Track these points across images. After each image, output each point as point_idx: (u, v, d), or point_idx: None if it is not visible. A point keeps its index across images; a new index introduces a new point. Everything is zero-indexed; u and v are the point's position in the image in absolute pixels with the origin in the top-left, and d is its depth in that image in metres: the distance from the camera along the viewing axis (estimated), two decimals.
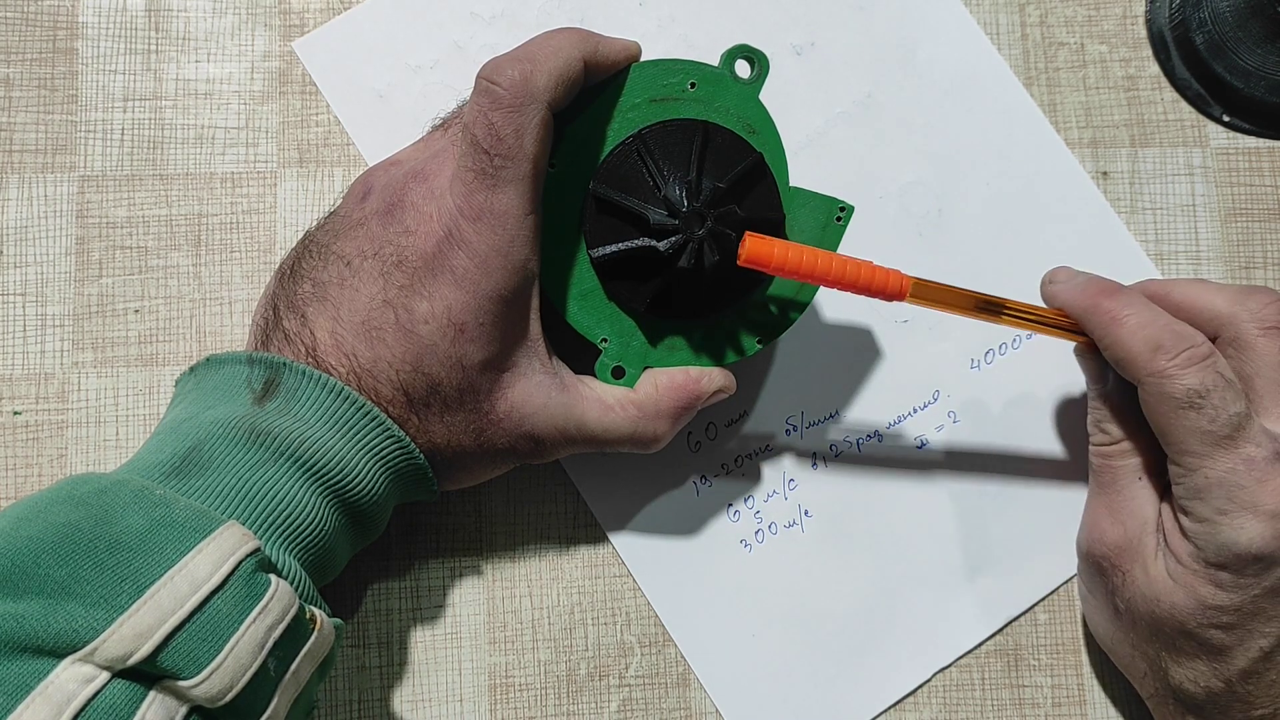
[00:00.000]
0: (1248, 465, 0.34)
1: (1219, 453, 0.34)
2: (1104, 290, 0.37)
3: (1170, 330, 0.35)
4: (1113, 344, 0.36)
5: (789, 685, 0.41)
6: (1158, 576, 0.36)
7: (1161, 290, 0.38)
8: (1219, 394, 0.34)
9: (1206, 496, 0.34)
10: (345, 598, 0.41)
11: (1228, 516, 0.34)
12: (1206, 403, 0.34)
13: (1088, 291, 0.37)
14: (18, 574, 0.26)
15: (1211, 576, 0.35)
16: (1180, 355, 0.35)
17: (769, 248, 0.34)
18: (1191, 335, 0.35)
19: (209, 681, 0.27)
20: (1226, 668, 0.35)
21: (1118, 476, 0.38)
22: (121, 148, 0.43)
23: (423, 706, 0.40)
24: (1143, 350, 0.35)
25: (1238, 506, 0.34)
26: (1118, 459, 0.39)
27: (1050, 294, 0.39)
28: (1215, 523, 0.34)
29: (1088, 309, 0.37)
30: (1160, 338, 0.35)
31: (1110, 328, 0.36)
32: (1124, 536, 0.38)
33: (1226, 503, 0.34)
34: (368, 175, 0.37)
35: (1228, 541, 0.34)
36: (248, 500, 0.31)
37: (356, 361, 0.34)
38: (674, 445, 0.42)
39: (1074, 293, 0.38)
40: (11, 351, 0.42)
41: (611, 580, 0.42)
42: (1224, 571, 0.34)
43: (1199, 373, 0.35)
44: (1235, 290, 0.38)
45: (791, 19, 0.45)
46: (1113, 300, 0.37)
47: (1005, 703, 0.42)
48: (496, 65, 0.33)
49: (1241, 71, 0.44)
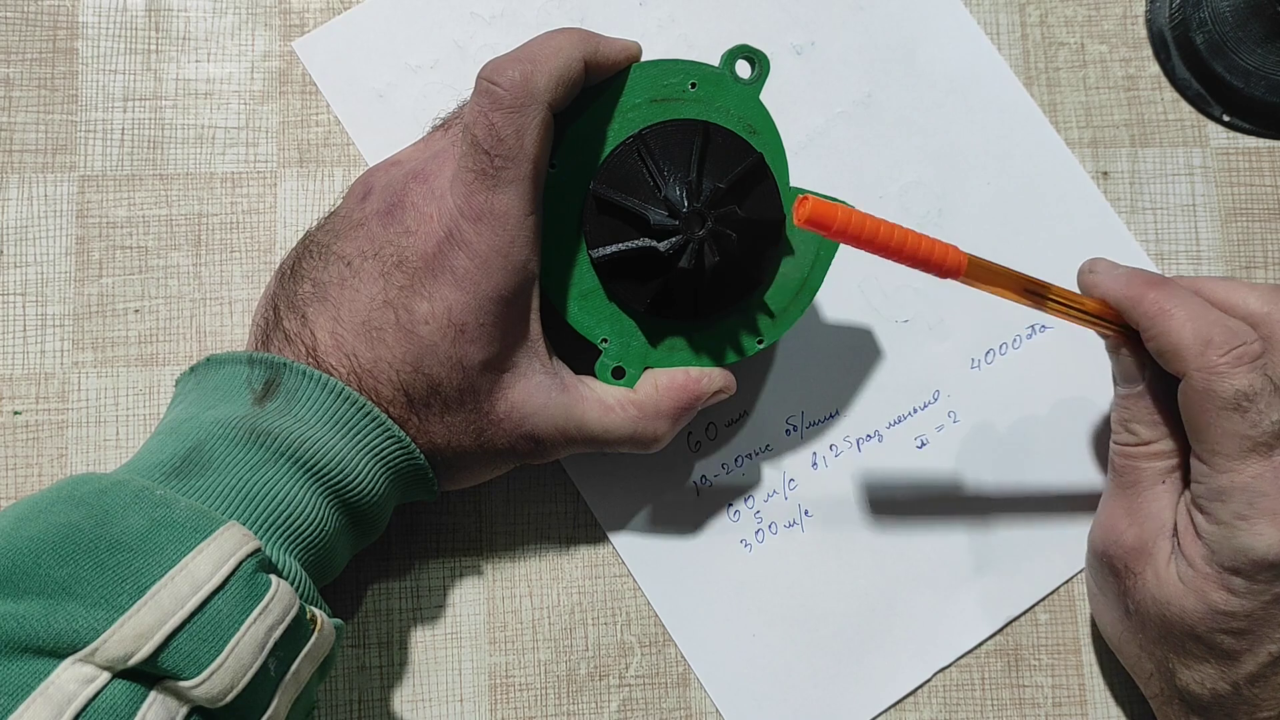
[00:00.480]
0: (1275, 473, 0.33)
1: (1252, 459, 0.33)
2: (1150, 281, 0.36)
3: (1222, 325, 0.34)
4: (1160, 335, 0.35)
5: (789, 685, 0.41)
6: (1169, 580, 0.35)
7: (1191, 287, 0.37)
8: (1266, 399, 0.33)
9: (1228, 499, 0.34)
10: (345, 598, 0.41)
11: (1247, 522, 0.33)
12: (1252, 407, 0.33)
13: (1134, 282, 0.36)
14: (18, 574, 0.26)
15: (1224, 581, 0.34)
16: (1231, 352, 0.34)
17: (831, 210, 0.31)
18: (1244, 332, 0.34)
19: (209, 682, 0.27)
20: (1235, 672, 0.35)
21: (1140, 478, 0.37)
22: (121, 148, 0.43)
23: (423, 706, 0.40)
24: (1193, 343, 0.34)
25: (1259, 513, 0.33)
26: (1143, 460, 0.37)
27: (1090, 283, 0.37)
28: (1233, 526, 0.34)
29: (1134, 299, 0.36)
30: (1210, 332, 0.34)
31: (1158, 319, 0.35)
32: (1139, 539, 0.37)
33: (1248, 508, 0.33)
34: (368, 175, 0.37)
35: (1244, 546, 0.33)
36: (248, 501, 0.31)
37: (357, 362, 0.34)
38: (674, 445, 0.42)
39: (1118, 282, 0.36)
40: (11, 351, 0.42)
41: (611, 580, 0.42)
42: (1237, 577, 0.34)
43: (1249, 373, 0.33)
44: (1270, 290, 0.36)
45: (791, 19, 0.45)
46: (1160, 291, 0.35)
47: (1005, 703, 0.42)
48: (497, 66, 0.33)
49: (1241, 71, 0.44)
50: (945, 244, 0.33)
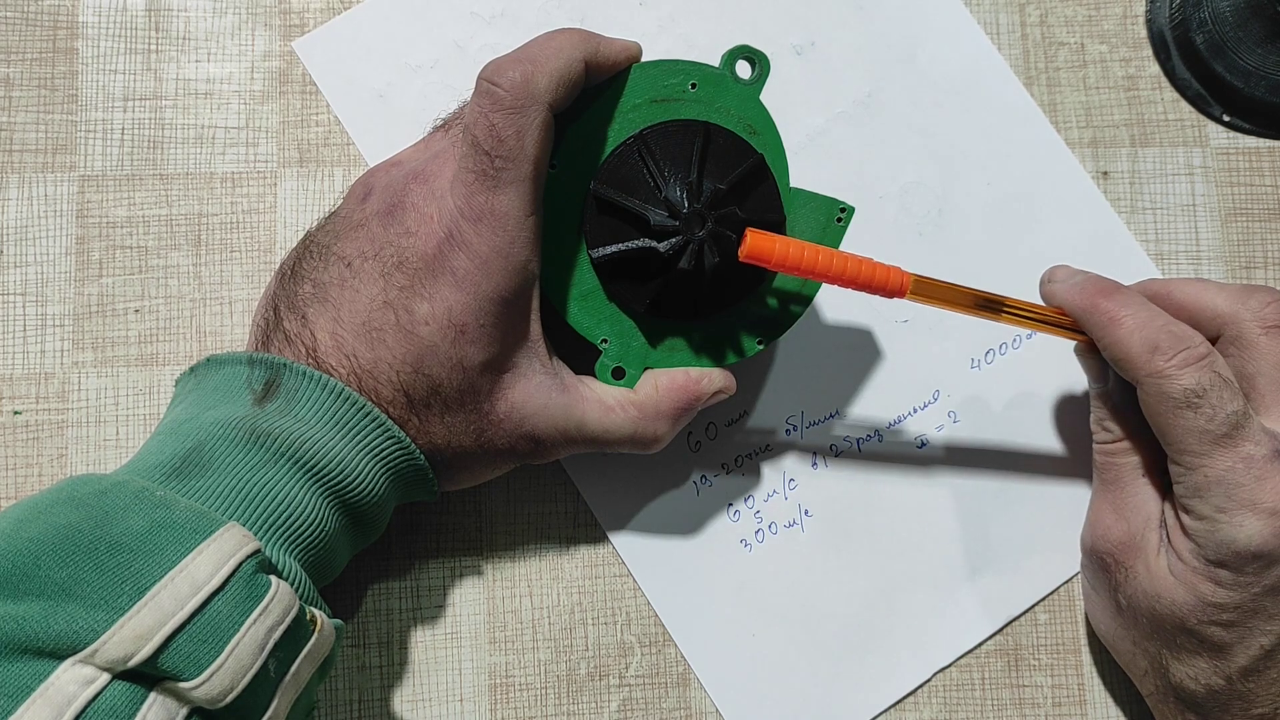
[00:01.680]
0: (1246, 463, 0.34)
1: (1218, 451, 0.34)
2: (1102, 290, 0.37)
3: (1167, 331, 0.36)
4: (1111, 344, 0.36)
5: (789, 685, 0.41)
6: (1159, 573, 0.36)
7: (1163, 289, 0.38)
8: (1216, 393, 0.34)
9: (1206, 495, 0.35)
10: (345, 598, 0.41)
11: (1227, 514, 0.34)
12: (1204, 402, 0.34)
13: (1086, 291, 0.37)
14: (18, 575, 0.26)
15: (1212, 574, 0.35)
16: (1177, 356, 0.35)
17: (770, 243, 0.34)
18: (1189, 336, 0.36)
19: (210, 683, 0.27)
20: (1227, 665, 0.35)
21: (1121, 474, 0.39)
22: (121, 147, 0.43)
23: (423, 706, 0.40)
24: (1140, 351, 0.35)
25: (1237, 504, 0.34)
26: (1120, 456, 0.39)
27: (1049, 293, 0.39)
28: (1215, 520, 0.34)
29: (1086, 309, 0.37)
30: (1157, 338, 0.35)
31: (1108, 328, 0.36)
32: (1127, 533, 0.38)
33: (1226, 501, 0.34)
34: (368, 176, 0.37)
35: (1227, 539, 0.34)
36: (248, 501, 0.31)
37: (357, 362, 0.34)
38: (674, 445, 0.42)
39: (1073, 292, 0.38)
40: (11, 351, 0.42)
41: (611, 580, 0.42)
42: (1224, 569, 0.34)
43: (1196, 372, 0.35)
44: (1237, 289, 0.38)
45: (792, 19, 0.45)
46: (1110, 300, 0.37)
47: (1005, 703, 0.42)
48: (498, 66, 0.33)
49: (1241, 71, 0.44)
50: (888, 266, 0.35)
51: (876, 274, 0.35)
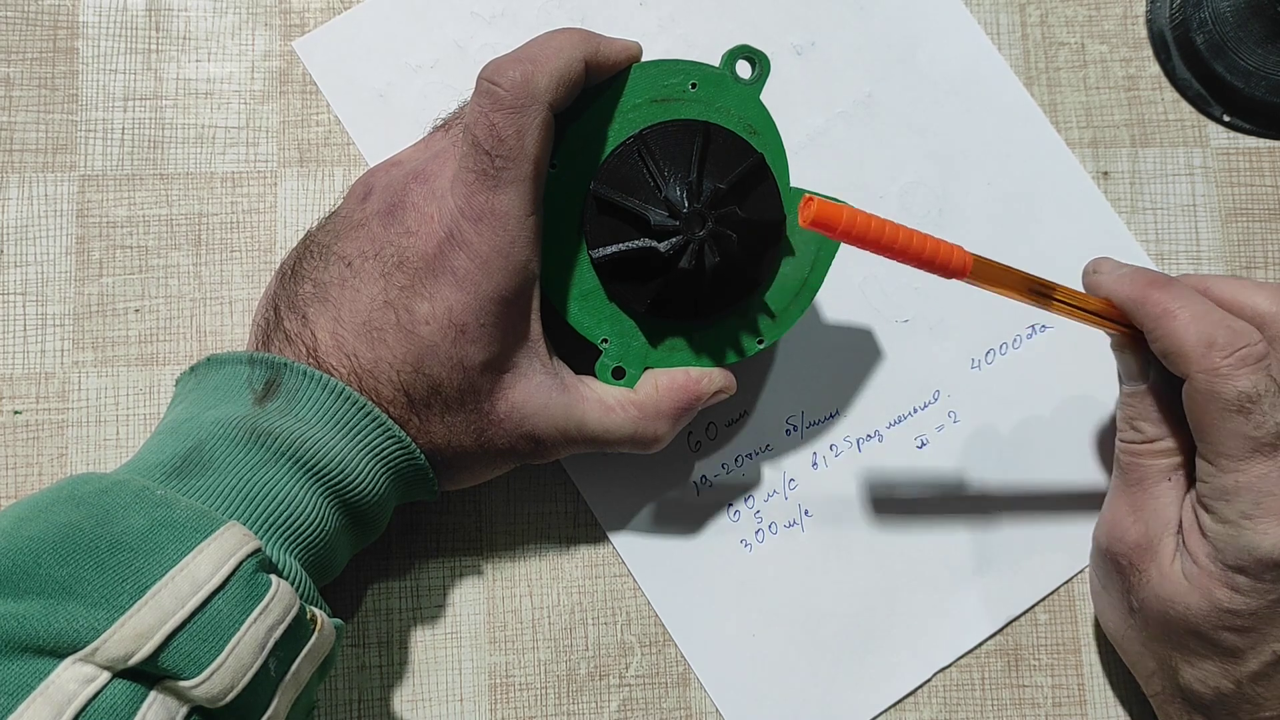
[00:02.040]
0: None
1: (1257, 459, 0.33)
2: (1154, 281, 0.36)
3: (1225, 326, 0.34)
4: (1164, 336, 0.35)
5: (789, 685, 0.41)
6: (1173, 578, 0.35)
7: (1200, 285, 0.37)
8: (1269, 400, 0.33)
9: (1234, 499, 0.34)
10: (345, 598, 0.41)
11: (1252, 521, 0.33)
12: (1256, 408, 0.33)
13: (1137, 282, 0.36)
14: (19, 574, 0.26)
15: (1228, 580, 0.34)
16: (1235, 354, 0.34)
17: (837, 211, 0.31)
18: (1248, 333, 0.34)
19: (210, 682, 0.27)
20: (1238, 670, 0.35)
21: (1146, 475, 0.37)
22: (122, 147, 0.43)
23: (423, 706, 0.40)
24: (1196, 345, 0.34)
25: (1264, 512, 0.33)
26: (1148, 458, 0.37)
27: (1094, 283, 0.37)
28: (1239, 525, 0.34)
29: (1138, 300, 0.36)
30: (1214, 333, 0.34)
31: (1162, 320, 0.35)
32: (1144, 536, 0.37)
33: (1253, 508, 0.33)
34: (369, 176, 0.37)
35: (1249, 545, 0.33)
36: (249, 500, 0.31)
37: (357, 362, 0.34)
38: (674, 445, 0.42)
39: (1122, 283, 0.36)
40: (11, 351, 0.42)
41: (611, 580, 0.42)
42: (1242, 575, 0.34)
43: (1252, 375, 0.33)
44: (1277, 288, 0.37)
45: (792, 19, 0.45)
46: (1164, 292, 0.35)
47: (1005, 703, 0.42)
48: (498, 66, 0.33)
49: (1242, 71, 0.44)
50: (950, 244, 0.33)
51: (940, 251, 0.33)
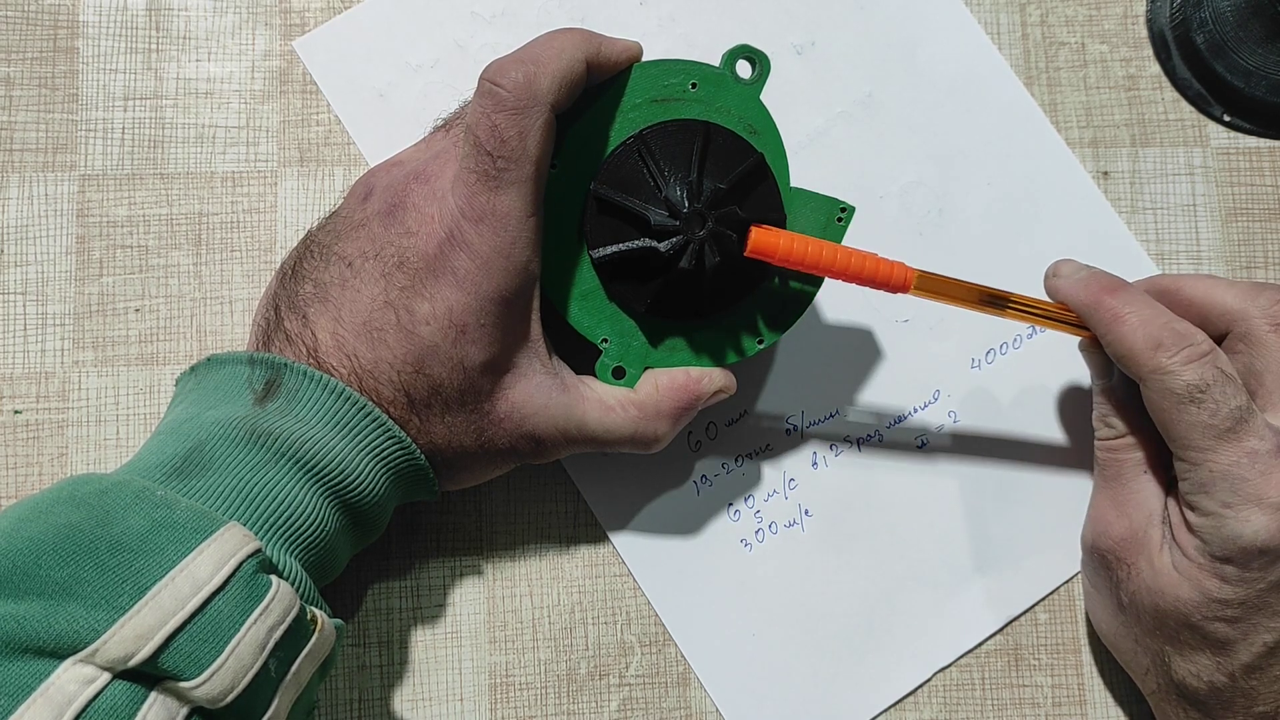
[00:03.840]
0: (1251, 458, 0.34)
1: (1222, 446, 0.34)
2: (1106, 286, 0.37)
3: (1170, 328, 0.36)
4: (1114, 341, 0.36)
5: (789, 685, 0.41)
6: (1163, 569, 0.36)
7: (1173, 285, 0.39)
8: (1219, 388, 0.35)
9: (1211, 490, 0.35)
10: (345, 598, 0.41)
11: (1233, 510, 0.34)
12: (1207, 396, 0.34)
13: (1090, 287, 0.37)
14: (19, 575, 0.26)
15: (1217, 570, 0.35)
16: (1180, 352, 0.35)
17: (774, 238, 0.34)
18: (1191, 333, 0.36)
19: (210, 683, 0.27)
20: (1230, 662, 0.35)
21: (1123, 470, 0.39)
22: (122, 147, 0.43)
23: (423, 706, 0.40)
24: (1144, 347, 0.35)
25: (1242, 500, 0.34)
26: (1123, 452, 0.39)
27: (1053, 287, 0.39)
28: (1220, 516, 0.34)
29: (1090, 305, 0.37)
30: (1160, 335, 0.35)
31: (1112, 325, 0.36)
32: (1129, 529, 0.38)
33: (1231, 496, 0.34)
34: (369, 176, 0.37)
35: (1232, 535, 0.34)
36: (249, 501, 0.31)
37: (358, 362, 0.34)
38: (674, 445, 0.42)
39: (1077, 288, 0.38)
40: (12, 351, 0.42)
41: (611, 580, 0.42)
42: (1229, 565, 0.34)
43: (1199, 368, 0.35)
44: (1246, 286, 0.38)
45: (792, 19, 0.45)
46: (1115, 297, 0.37)
47: (1005, 702, 0.42)
48: (500, 67, 0.33)
49: (1242, 71, 0.44)
50: (892, 262, 0.35)
51: (880, 269, 0.35)
